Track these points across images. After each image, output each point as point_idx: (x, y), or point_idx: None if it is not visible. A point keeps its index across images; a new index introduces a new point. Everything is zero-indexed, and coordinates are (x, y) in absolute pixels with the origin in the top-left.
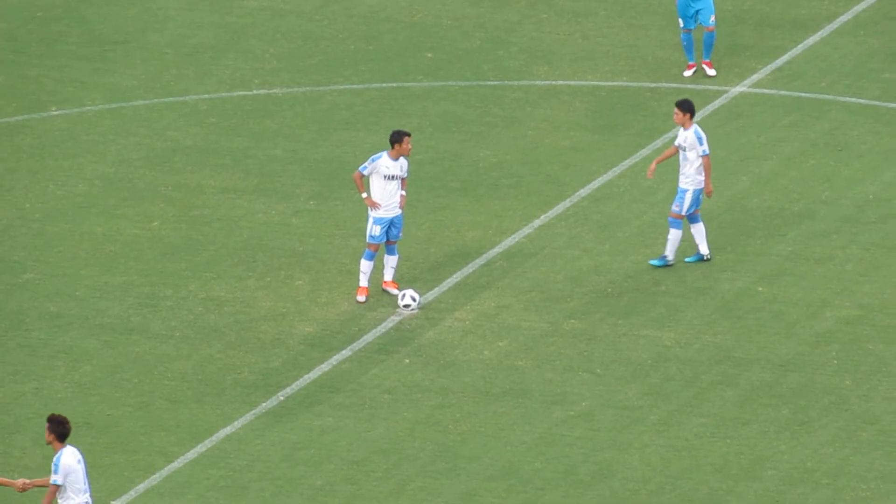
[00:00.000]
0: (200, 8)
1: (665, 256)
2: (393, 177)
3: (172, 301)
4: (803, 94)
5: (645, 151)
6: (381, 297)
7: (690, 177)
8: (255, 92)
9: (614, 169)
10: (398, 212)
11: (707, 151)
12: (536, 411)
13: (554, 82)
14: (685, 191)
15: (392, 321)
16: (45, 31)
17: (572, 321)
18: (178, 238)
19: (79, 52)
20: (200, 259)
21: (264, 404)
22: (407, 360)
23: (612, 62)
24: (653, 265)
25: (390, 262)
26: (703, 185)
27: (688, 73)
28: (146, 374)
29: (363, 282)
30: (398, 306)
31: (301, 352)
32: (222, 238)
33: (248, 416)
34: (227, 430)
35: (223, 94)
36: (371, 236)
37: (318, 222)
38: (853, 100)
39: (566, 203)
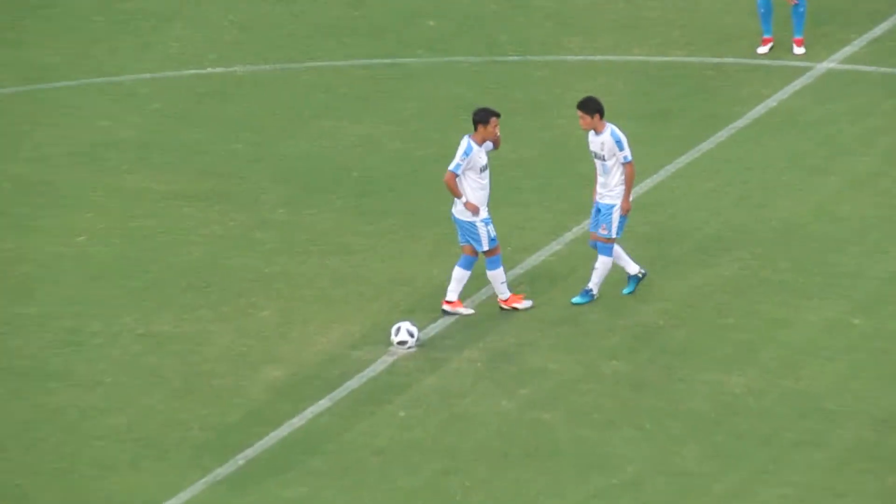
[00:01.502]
0: None
1: (589, 290)
2: (486, 166)
3: (102, 338)
4: None
5: (706, 145)
6: (367, 332)
7: (615, 190)
8: (209, 70)
9: (667, 167)
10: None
11: (629, 157)
12: (569, 478)
13: (590, 57)
14: (611, 207)
15: (383, 363)
16: None
17: (613, 363)
18: (110, 257)
19: None
20: (139, 284)
21: (219, 470)
22: (402, 413)
23: (663, 32)
24: (575, 303)
25: (462, 276)
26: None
27: (763, 49)
28: (68, 432)
29: (506, 292)
30: (391, 343)
31: (267, 402)
32: (167, 257)
33: (199, 486)
34: (172, 503)
35: (169, 74)
36: (492, 240)
37: (290, 236)
38: None
39: None
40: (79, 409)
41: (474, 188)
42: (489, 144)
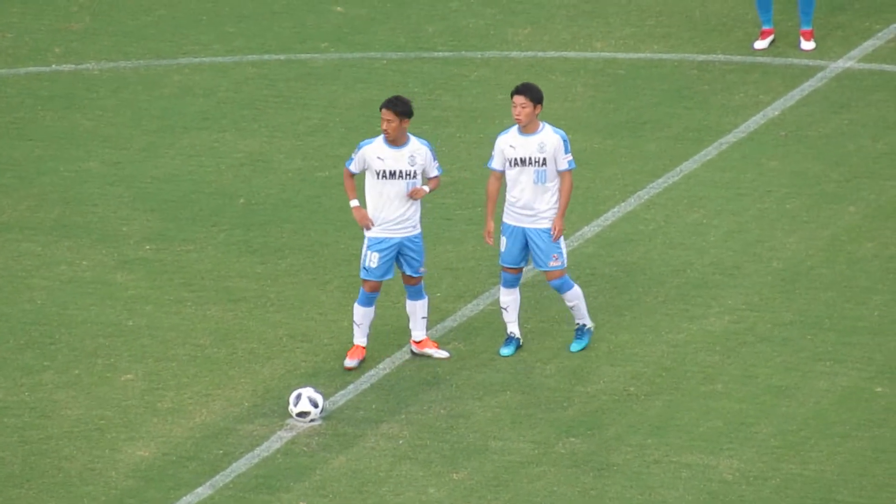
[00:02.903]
0: None
1: (582, 326)
2: (393, 173)
3: None
4: None
5: (689, 165)
6: (259, 401)
7: (555, 208)
8: (53, 68)
9: (639, 193)
10: (412, 231)
11: (574, 163)
12: None
13: (540, 54)
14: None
15: (279, 440)
16: None
17: (571, 440)
18: None
19: None
20: None
21: None
22: (303, 503)
23: (635, 21)
24: (575, 350)
25: (416, 310)
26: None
27: (760, 45)
28: None
29: (357, 338)
30: (289, 415)
31: (130, 490)
32: (1, 306)
33: None
34: None
35: (2, 72)
36: (364, 269)
37: (159, 279)
38: None
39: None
40: None
41: (371, 195)
42: (423, 154)
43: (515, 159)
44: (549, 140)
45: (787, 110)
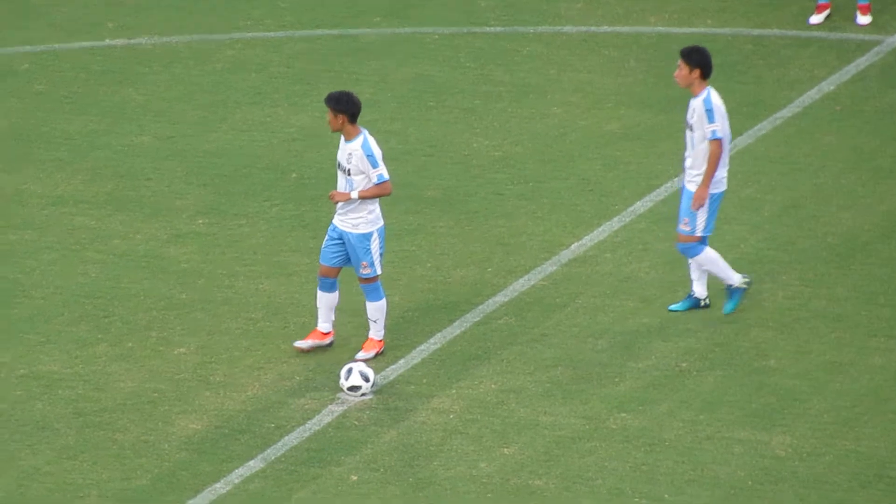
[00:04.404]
0: None
1: (694, 294)
2: (338, 164)
3: None
4: None
5: (744, 140)
6: (310, 375)
7: (700, 172)
8: (107, 43)
9: None
10: (352, 228)
11: (718, 134)
12: None
13: (594, 29)
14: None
15: (330, 414)
16: None
17: (623, 415)
18: None
19: None
20: (20, 313)
21: None
22: (354, 478)
23: None
24: (674, 310)
25: (367, 310)
26: (723, 186)
27: (816, 19)
28: None
29: (318, 322)
30: (340, 389)
31: (182, 463)
32: (55, 279)
33: None
34: None
35: (56, 47)
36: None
37: (211, 253)
38: None
39: (613, 224)
40: None
41: None
42: (357, 156)
43: (686, 120)
44: (697, 107)
45: (842, 85)
